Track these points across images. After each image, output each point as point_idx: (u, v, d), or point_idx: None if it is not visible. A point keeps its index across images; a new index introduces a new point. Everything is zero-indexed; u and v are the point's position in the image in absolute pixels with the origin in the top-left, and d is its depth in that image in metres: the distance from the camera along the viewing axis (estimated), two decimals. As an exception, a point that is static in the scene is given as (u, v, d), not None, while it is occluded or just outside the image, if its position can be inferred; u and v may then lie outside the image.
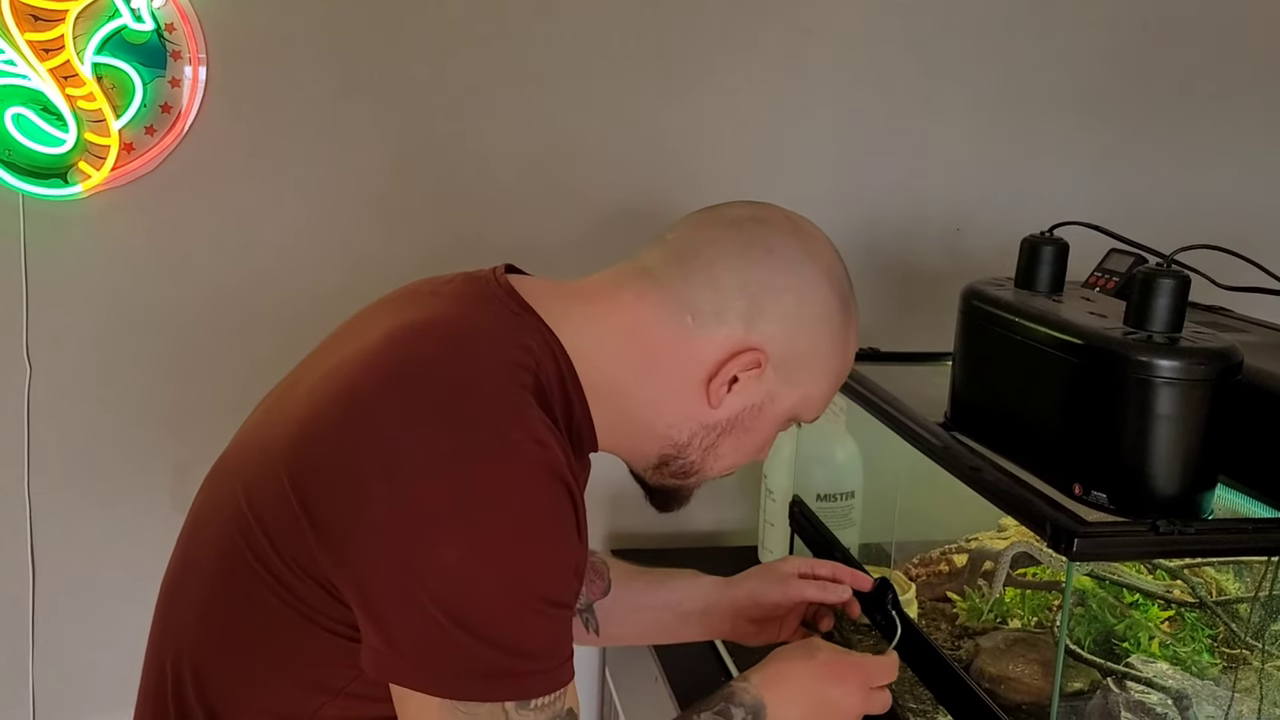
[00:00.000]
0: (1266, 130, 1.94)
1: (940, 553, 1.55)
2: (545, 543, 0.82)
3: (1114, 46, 1.87)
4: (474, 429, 0.80)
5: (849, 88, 1.80)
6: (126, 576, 1.71)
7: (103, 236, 1.62)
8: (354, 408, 0.84)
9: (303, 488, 0.83)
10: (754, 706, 0.96)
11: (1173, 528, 0.94)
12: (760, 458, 1.01)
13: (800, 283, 0.93)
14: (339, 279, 1.69)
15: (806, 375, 0.95)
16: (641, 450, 0.96)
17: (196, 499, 1.00)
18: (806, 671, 1.00)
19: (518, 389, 0.85)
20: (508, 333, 0.89)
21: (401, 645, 0.81)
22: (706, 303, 0.91)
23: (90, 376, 1.66)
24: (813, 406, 0.98)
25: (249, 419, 1.00)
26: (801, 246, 0.94)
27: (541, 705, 0.82)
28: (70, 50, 1.54)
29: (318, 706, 0.89)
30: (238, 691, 0.90)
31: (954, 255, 1.89)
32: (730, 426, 0.95)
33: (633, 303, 0.93)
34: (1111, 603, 1.29)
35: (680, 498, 1.02)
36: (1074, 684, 1.20)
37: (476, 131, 1.70)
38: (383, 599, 0.80)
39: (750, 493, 1.83)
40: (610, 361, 0.92)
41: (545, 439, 0.83)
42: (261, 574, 0.86)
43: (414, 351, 0.86)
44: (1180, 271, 1.00)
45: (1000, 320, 1.15)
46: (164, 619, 0.98)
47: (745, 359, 0.91)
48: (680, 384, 0.92)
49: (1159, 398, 0.96)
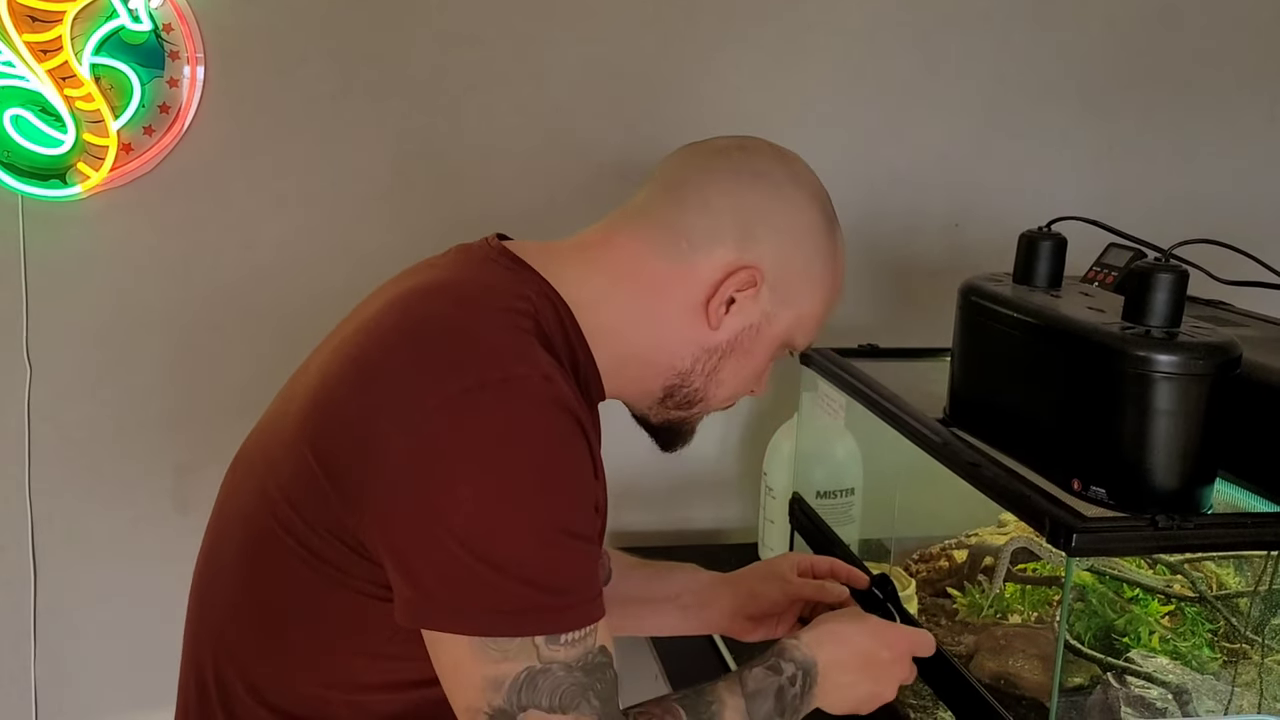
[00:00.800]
0: (1266, 125, 1.94)
1: (940, 548, 1.55)
2: (558, 472, 0.83)
3: (1114, 40, 1.86)
4: (480, 369, 0.82)
5: (849, 82, 1.80)
6: (128, 577, 1.71)
7: (102, 237, 1.62)
8: (364, 370, 0.86)
9: (324, 454, 0.85)
10: (804, 662, 0.98)
11: (1172, 523, 0.94)
12: (758, 389, 1.04)
13: (790, 204, 0.97)
14: (339, 278, 1.67)
15: (800, 295, 0.99)
16: (646, 388, 0.99)
17: (221, 492, 1.02)
18: (860, 632, 1.03)
19: (520, 332, 0.87)
20: (506, 286, 0.91)
21: (429, 587, 0.82)
22: (700, 227, 0.95)
23: (90, 377, 1.66)
24: (806, 329, 1.02)
25: (266, 411, 1.02)
26: (788, 170, 0.99)
27: (572, 640, 0.82)
28: (68, 51, 1.54)
29: (358, 671, 0.90)
30: (279, 669, 0.92)
31: (953, 250, 1.89)
32: (730, 349, 0.98)
33: (628, 242, 0.97)
34: (1111, 598, 1.29)
35: (684, 433, 1.05)
36: (1074, 679, 1.20)
37: (476, 131, 1.70)
38: (407, 544, 0.82)
39: (750, 490, 1.83)
40: (610, 303, 0.95)
41: (551, 374, 0.85)
42: (292, 546, 0.87)
43: (416, 311, 0.89)
44: (1179, 266, 1.00)
45: (999, 316, 1.15)
46: (198, 610, 1.00)
47: (741, 277, 0.94)
48: (680, 311, 0.95)
49: (1158, 392, 0.96)
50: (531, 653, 0.81)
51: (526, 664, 0.81)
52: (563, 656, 0.82)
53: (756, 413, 1.89)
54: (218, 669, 0.94)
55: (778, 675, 0.96)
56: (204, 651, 0.96)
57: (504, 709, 0.81)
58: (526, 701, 0.81)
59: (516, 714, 0.81)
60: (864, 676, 1.01)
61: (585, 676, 0.83)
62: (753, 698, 0.94)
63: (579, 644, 0.83)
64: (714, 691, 0.93)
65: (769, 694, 0.94)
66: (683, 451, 1.85)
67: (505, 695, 0.81)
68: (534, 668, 0.81)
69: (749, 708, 0.93)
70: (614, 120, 1.73)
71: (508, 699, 0.81)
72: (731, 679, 0.95)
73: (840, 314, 1.85)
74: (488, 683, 0.81)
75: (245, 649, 0.93)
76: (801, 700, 0.97)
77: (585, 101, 1.71)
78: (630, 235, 0.97)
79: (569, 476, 0.84)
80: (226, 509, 0.99)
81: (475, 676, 0.82)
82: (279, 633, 0.91)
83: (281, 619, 0.91)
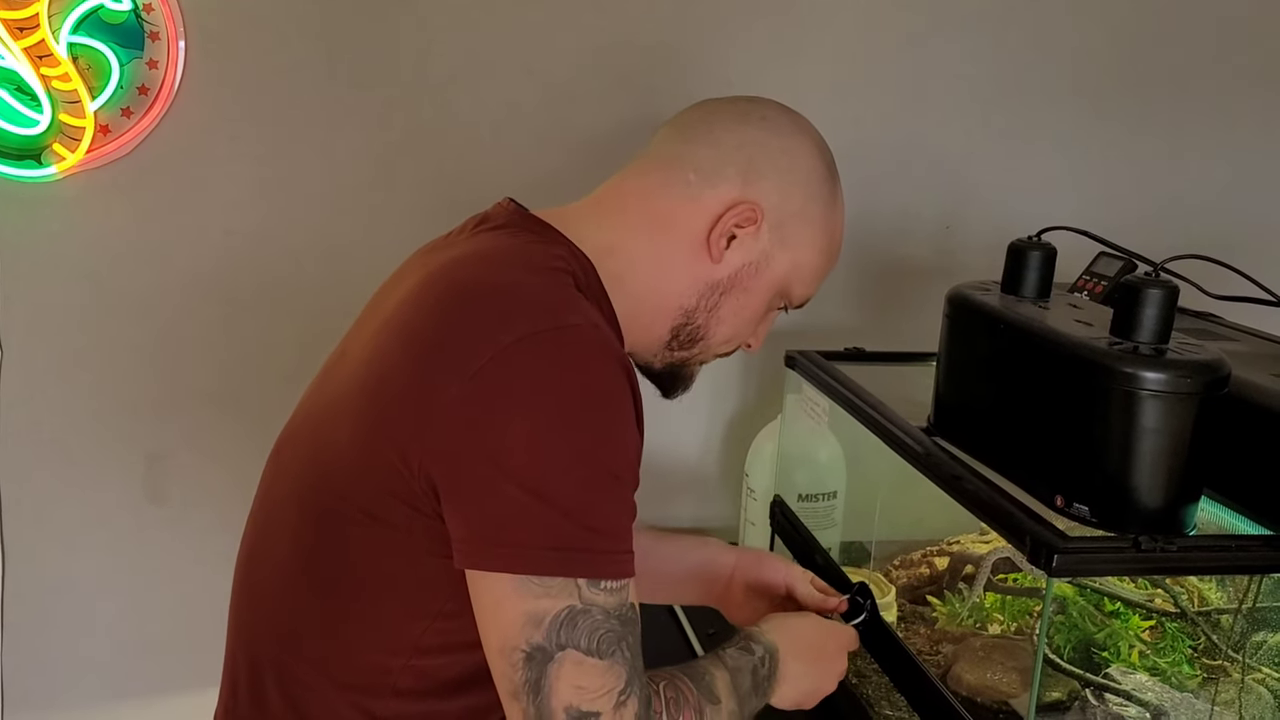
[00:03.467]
0: (1260, 133, 1.92)
1: (922, 555, 1.54)
2: (610, 415, 0.85)
3: (1109, 45, 1.84)
4: (532, 319, 0.84)
5: (841, 81, 1.78)
6: (98, 565, 1.69)
7: (77, 219, 1.59)
8: (416, 339, 0.88)
9: (384, 422, 0.87)
10: (770, 647, 1.03)
11: (1154, 545, 0.92)
12: (754, 343, 1.08)
13: (793, 147, 1.02)
14: (318, 267, 1.66)
15: (798, 239, 1.02)
16: (656, 333, 1.02)
17: (263, 481, 1.04)
18: (810, 626, 1.10)
19: (565, 287, 0.91)
20: (538, 249, 0.95)
21: (479, 527, 0.84)
22: (707, 160, 0.99)
23: (63, 362, 1.63)
24: (803, 278, 1.05)
25: (303, 399, 1.04)
26: (792, 119, 1.04)
27: (611, 589, 0.84)
28: (45, 29, 1.51)
29: (419, 635, 0.91)
30: (341, 642, 0.93)
31: (943, 252, 1.87)
32: (731, 285, 1.01)
33: (637, 184, 1.02)
34: (1092, 611, 1.28)
35: (684, 377, 1.08)
36: (1052, 694, 1.18)
37: (462, 120, 1.67)
38: (463, 483, 0.84)
39: (733, 490, 1.81)
40: (624, 250, 0.99)
41: (599, 323, 0.88)
42: (351, 514, 0.89)
43: (459, 276, 0.91)
44: (1168, 281, 0.99)
45: (985, 326, 1.14)
46: (246, 599, 1.02)
47: (742, 211, 0.98)
48: (686, 246, 0.99)
49: (1144, 410, 0.94)
50: (574, 592, 0.83)
51: (568, 602, 0.82)
52: (602, 601, 0.83)
53: (740, 413, 1.87)
54: (272, 654, 0.96)
55: (751, 655, 1.01)
56: (256, 638, 0.98)
57: (543, 645, 0.82)
58: (566, 640, 0.82)
59: (555, 653, 0.82)
60: (812, 668, 1.07)
61: (621, 626, 0.84)
62: (734, 673, 0.98)
63: (617, 593, 0.84)
64: (704, 666, 0.97)
65: (746, 671, 0.99)
66: (666, 448, 1.86)
67: (545, 632, 0.82)
68: (575, 607, 0.83)
69: (733, 681, 0.97)
70: (602, 112, 1.70)
71: (548, 636, 0.82)
72: (713, 657, 0.99)
73: (827, 314, 1.87)
74: (528, 619, 0.82)
75: (304, 628, 0.95)
76: (768, 682, 1.02)
77: (573, 91, 1.69)
78: (640, 177, 1.02)
79: (619, 423, 0.86)
80: (273, 494, 1.01)
81: (516, 612, 0.82)
82: (339, 606, 0.93)
83: (342, 591, 0.92)
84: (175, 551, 1.70)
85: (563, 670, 0.82)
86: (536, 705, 0.82)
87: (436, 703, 0.94)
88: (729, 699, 0.95)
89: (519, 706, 0.83)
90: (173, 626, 1.71)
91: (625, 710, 0.84)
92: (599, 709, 0.83)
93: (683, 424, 1.86)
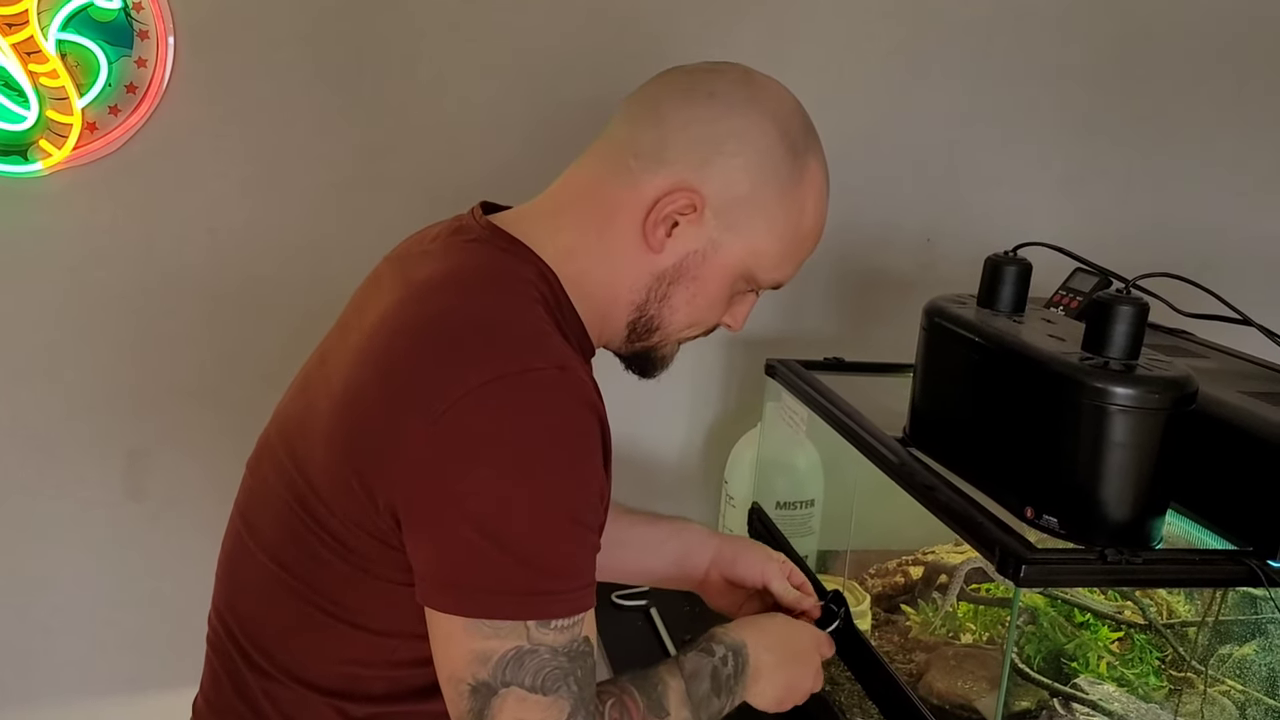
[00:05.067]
0: (1235, 156, 1.95)
1: (897, 564, 1.55)
2: (571, 459, 0.85)
3: (1091, 63, 1.86)
4: (499, 363, 0.84)
5: (825, 93, 1.78)
6: (76, 560, 1.69)
7: (62, 215, 1.60)
8: (389, 373, 0.88)
9: (354, 454, 0.88)
10: (734, 644, 1.03)
11: (1120, 557, 0.94)
12: (733, 324, 1.04)
13: (742, 127, 0.95)
14: (302, 266, 1.67)
15: (750, 225, 0.96)
16: (614, 328, 1.01)
17: (244, 483, 1.05)
18: (782, 623, 1.11)
19: (535, 320, 0.90)
20: (506, 270, 0.94)
21: (436, 568, 0.85)
22: (649, 143, 0.95)
23: (45, 357, 1.63)
24: (766, 265, 0.99)
25: (282, 402, 1.05)
26: (748, 95, 0.96)
27: (562, 627, 0.85)
28: (34, 26, 1.51)
29: (391, 650, 0.93)
30: (314, 650, 0.95)
31: (923, 265, 1.89)
32: (677, 274, 0.97)
33: (586, 171, 0.99)
34: (1062, 622, 1.29)
35: (656, 360, 1.05)
36: (1021, 703, 1.20)
37: (448, 123, 1.68)
38: (423, 524, 0.85)
39: (713, 496, 1.83)
40: (580, 249, 0.96)
41: (566, 364, 0.87)
42: (323, 537, 0.91)
43: (431, 306, 0.91)
44: (1139, 298, 1.00)
45: (961, 339, 1.15)
46: (227, 592, 1.03)
47: (679, 198, 0.94)
48: (632, 236, 0.96)
49: (1113, 425, 0.96)
50: (522, 634, 0.84)
51: (516, 643, 0.84)
52: (551, 640, 0.84)
53: (720, 419, 1.88)
54: (250, 651, 0.98)
55: (710, 657, 1.01)
56: (236, 635, 0.99)
57: (488, 683, 0.84)
58: (510, 678, 0.84)
59: (499, 689, 0.84)
60: (784, 661, 1.06)
61: (569, 662, 0.85)
62: (690, 679, 0.98)
63: (567, 631, 0.85)
64: (657, 675, 0.97)
65: (704, 675, 0.99)
66: (646, 453, 1.86)
67: (491, 670, 0.84)
68: (522, 648, 0.84)
69: (689, 688, 0.97)
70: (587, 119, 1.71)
71: (493, 674, 0.84)
72: (670, 663, 0.99)
73: (807, 324, 1.88)
74: (476, 656, 0.84)
75: (281, 634, 0.96)
76: (736, 680, 1.02)
77: (558, 100, 1.70)
78: (590, 165, 1.00)
79: (581, 467, 0.86)
80: (254, 499, 1.02)
81: (464, 649, 0.84)
82: (314, 618, 0.94)
83: (316, 605, 0.94)
84: (154, 548, 1.70)
85: (505, 705, 0.84)
86: None
87: (412, 705, 0.95)
88: (680, 708, 0.96)
89: None
90: (151, 623, 1.71)
91: None
92: None
93: (663, 430, 1.87)
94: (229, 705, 0.99)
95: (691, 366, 1.83)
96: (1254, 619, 1.19)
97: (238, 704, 0.98)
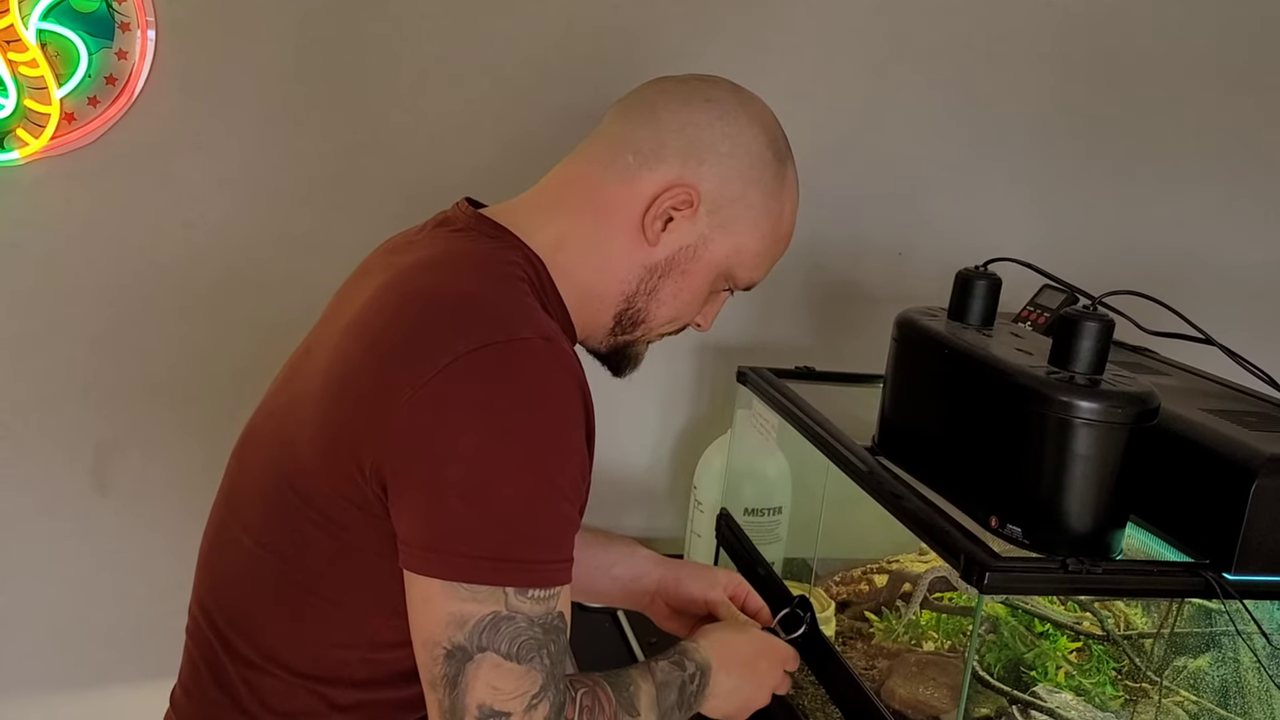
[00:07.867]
0: (1202, 177, 1.99)
1: (862, 572, 1.57)
2: (556, 427, 0.87)
3: (1062, 82, 1.90)
4: (487, 331, 0.86)
5: (800, 107, 1.81)
6: (43, 556, 1.68)
7: (38, 205, 1.59)
8: (377, 345, 0.90)
9: (342, 419, 0.89)
10: (702, 664, 1.06)
11: (1081, 566, 0.96)
12: (703, 324, 1.10)
13: (735, 131, 1.01)
14: (277, 263, 1.67)
15: (738, 223, 1.03)
16: (601, 320, 1.04)
17: (228, 471, 1.06)
18: (746, 643, 1.12)
19: (521, 296, 0.93)
20: (493, 254, 0.97)
21: (418, 532, 0.86)
22: (646, 140, 1.00)
23: (13, 347, 1.62)
24: (746, 263, 1.05)
25: (268, 393, 1.06)
26: (739, 102, 1.03)
27: (538, 598, 0.86)
28: (15, 14, 1.50)
29: (375, 630, 0.94)
30: (297, 635, 0.96)
31: (895, 278, 1.91)
32: (669, 268, 1.02)
33: (580, 168, 1.03)
34: (1022, 632, 1.32)
35: (631, 357, 1.09)
36: (981, 710, 1.22)
37: (429, 120, 1.68)
38: (405, 489, 0.86)
39: (681, 503, 1.84)
40: (570, 241, 1.00)
41: (553, 336, 0.89)
42: (308, 513, 0.92)
43: (420, 283, 0.93)
44: (1105, 315, 1.03)
45: (930, 350, 1.17)
46: (209, 581, 1.04)
47: (678, 193, 0.99)
48: (626, 229, 1.00)
49: (1077, 438, 0.98)
50: (500, 599, 0.85)
51: (493, 608, 0.85)
52: (528, 610, 0.86)
53: (691, 425, 1.90)
54: (231, 638, 0.98)
55: (681, 671, 1.03)
56: (218, 623, 1.00)
57: (464, 646, 0.85)
58: (486, 643, 0.85)
59: (475, 654, 0.85)
60: (745, 683, 1.09)
61: (544, 634, 0.87)
62: (661, 687, 1.01)
63: (544, 602, 0.87)
64: (630, 676, 0.99)
65: (674, 686, 1.02)
66: (616, 459, 1.88)
67: (468, 634, 0.85)
68: (500, 613, 0.85)
69: (658, 695, 1.00)
70: (566, 124, 1.72)
71: (469, 638, 0.85)
72: (643, 668, 1.02)
73: (779, 333, 1.90)
74: (453, 619, 0.85)
75: (263, 620, 0.97)
76: (695, 699, 1.05)
77: (538, 106, 1.71)
78: (585, 162, 1.03)
79: (565, 436, 0.88)
80: (238, 484, 1.03)
81: (442, 612, 0.85)
82: (297, 601, 0.95)
83: (300, 586, 0.95)
84: (121, 541, 1.69)
85: (480, 670, 0.85)
86: (451, 699, 0.85)
87: (392, 691, 0.96)
88: (649, 712, 0.98)
89: (435, 696, 0.86)
90: (117, 617, 1.70)
91: (535, 713, 0.86)
92: (510, 710, 0.85)
93: (633, 436, 1.89)
94: (207, 695, 1.00)
95: (664, 372, 1.85)
96: (1208, 632, 1.22)
97: (216, 693, 0.99)
